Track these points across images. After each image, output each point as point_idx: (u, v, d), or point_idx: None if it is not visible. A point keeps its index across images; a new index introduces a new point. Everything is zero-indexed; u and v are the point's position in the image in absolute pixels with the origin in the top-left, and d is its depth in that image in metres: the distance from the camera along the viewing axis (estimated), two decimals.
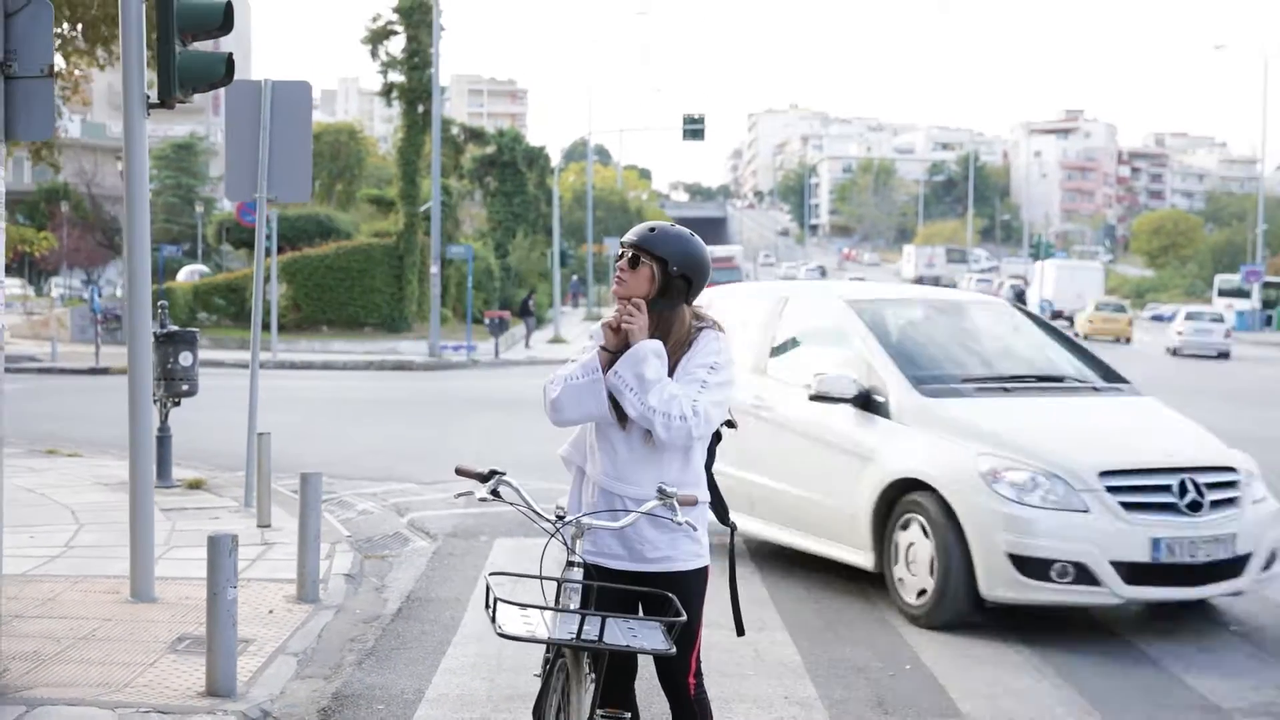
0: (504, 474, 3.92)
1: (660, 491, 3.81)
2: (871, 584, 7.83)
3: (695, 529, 3.92)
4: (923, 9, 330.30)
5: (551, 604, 3.82)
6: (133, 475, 7.14)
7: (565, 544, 3.85)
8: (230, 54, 7.08)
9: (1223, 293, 64.86)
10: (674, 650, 3.61)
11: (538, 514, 3.88)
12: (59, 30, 27.80)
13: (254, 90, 9.75)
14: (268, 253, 31.92)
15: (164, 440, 10.83)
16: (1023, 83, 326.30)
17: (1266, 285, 61.77)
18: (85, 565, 7.89)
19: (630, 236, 4.00)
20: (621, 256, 3.98)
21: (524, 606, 3.70)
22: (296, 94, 9.77)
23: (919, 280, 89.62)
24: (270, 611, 6.95)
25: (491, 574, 3.81)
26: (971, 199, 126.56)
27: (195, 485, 10.93)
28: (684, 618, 3.65)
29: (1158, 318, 70.23)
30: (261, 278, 10.02)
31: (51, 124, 5.34)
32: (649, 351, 3.87)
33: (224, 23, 7.03)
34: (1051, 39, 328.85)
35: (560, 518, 3.87)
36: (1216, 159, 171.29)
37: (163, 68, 6.90)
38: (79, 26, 27.53)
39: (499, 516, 9.93)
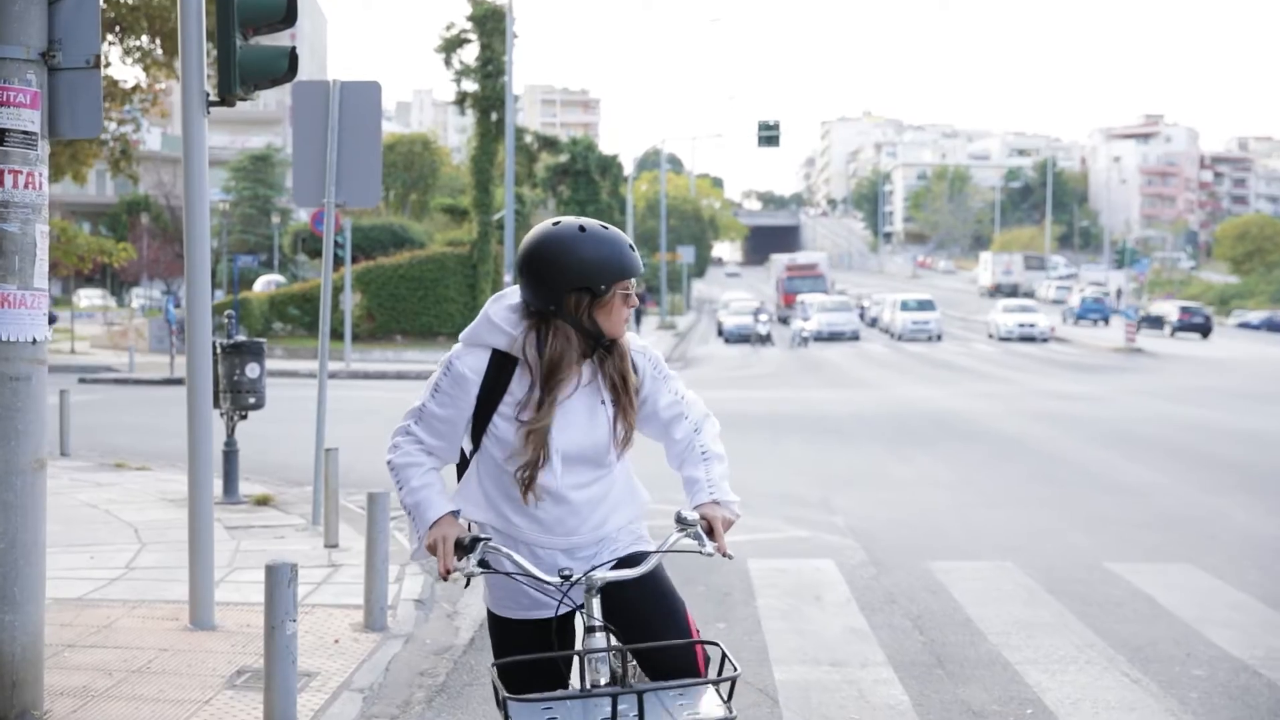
0: (489, 539, 3.24)
1: (680, 521, 3.28)
2: (980, 614, 7.26)
3: (731, 557, 3.41)
4: (996, 14, 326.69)
5: (576, 685, 3.20)
6: (192, 497, 6.76)
7: (574, 606, 3.27)
8: (293, 48, 6.68)
9: None
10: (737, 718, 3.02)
11: (537, 579, 3.23)
12: (138, 43, 27.94)
13: (322, 91, 9.38)
14: (341, 262, 31.90)
15: (230, 455, 10.50)
16: (1101, 87, 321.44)
17: None
18: (145, 589, 7.52)
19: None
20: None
21: (542, 700, 3.03)
22: (366, 95, 9.38)
23: (996, 288, 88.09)
24: (336, 641, 6.52)
25: (495, 663, 3.23)
26: (1050, 205, 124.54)
27: (262, 501, 10.56)
28: (739, 672, 3.01)
29: (1245, 325, 68.30)
30: (330, 286, 9.63)
31: (99, 120, 4.94)
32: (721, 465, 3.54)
33: (287, 14, 6.63)
34: (1130, 42, 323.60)
35: (566, 578, 3.22)
36: None
37: (223, 63, 6.52)
38: (157, 39, 27.63)
39: None
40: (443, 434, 3.37)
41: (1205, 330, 53.67)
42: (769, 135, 42.72)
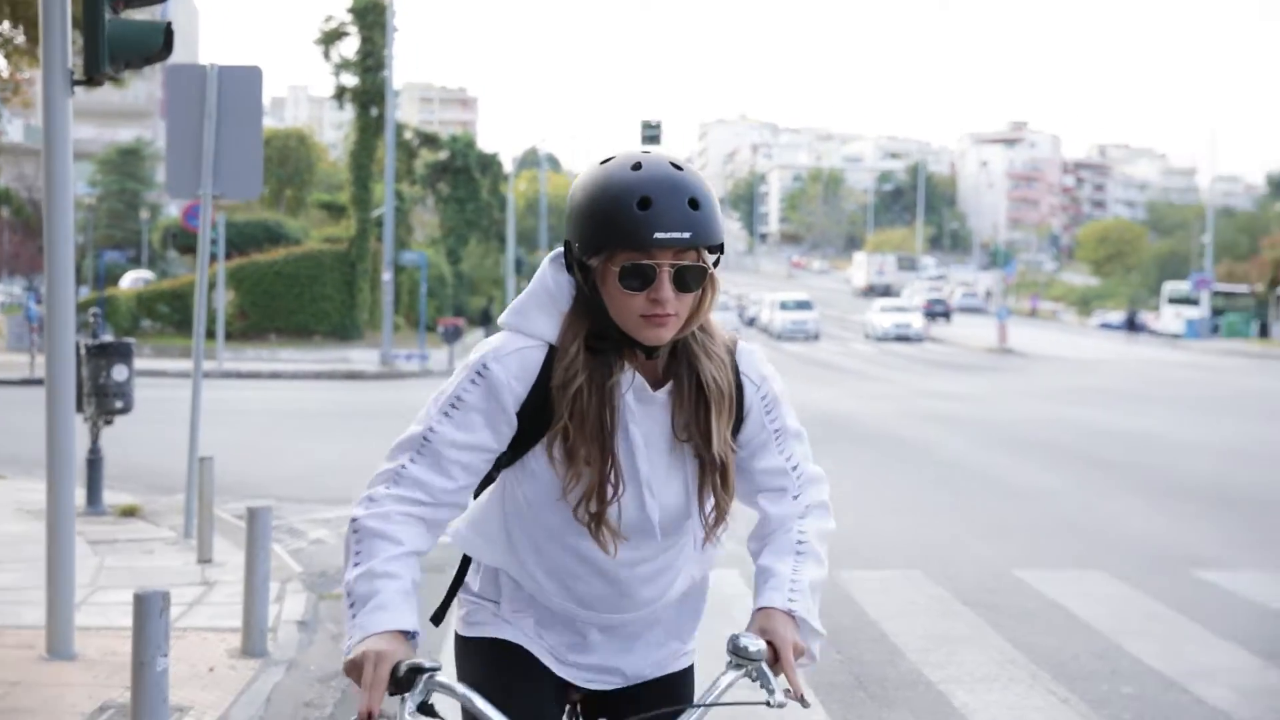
0: (436, 669, 2.07)
1: (737, 651, 2.16)
2: (896, 628, 6.98)
3: (808, 705, 2.31)
4: (870, 21, 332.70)
5: None
6: (50, 510, 6.15)
7: None
8: (169, 23, 6.13)
9: (1172, 300, 64.79)
10: None
11: None
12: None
13: (199, 76, 8.77)
14: (214, 257, 30.86)
15: (95, 463, 9.82)
16: (969, 94, 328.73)
17: (1215, 294, 61.82)
18: None
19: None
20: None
21: None
22: (246, 80, 8.80)
23: (870, 288, 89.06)
24: (210, 669, 5.99)
25: None
26: (921, 207, 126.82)
27: (129, 512, 9.90)
28: None
29: (1106, 325, 70.13)
30: (205, 284, 9.04)
31: None
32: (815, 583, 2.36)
33: None
34: (997, 51, 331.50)
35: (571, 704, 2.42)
36: (1157, 169, 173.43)
37: (89, 38, 5.95)
38: (20, 25, 26.40)
39: None
40: (454, 474, 2.24)
41: (946, 314, 67.03)
42: (651, 135, 42.20)
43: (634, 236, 2.09)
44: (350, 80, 37.48)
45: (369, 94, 36.99)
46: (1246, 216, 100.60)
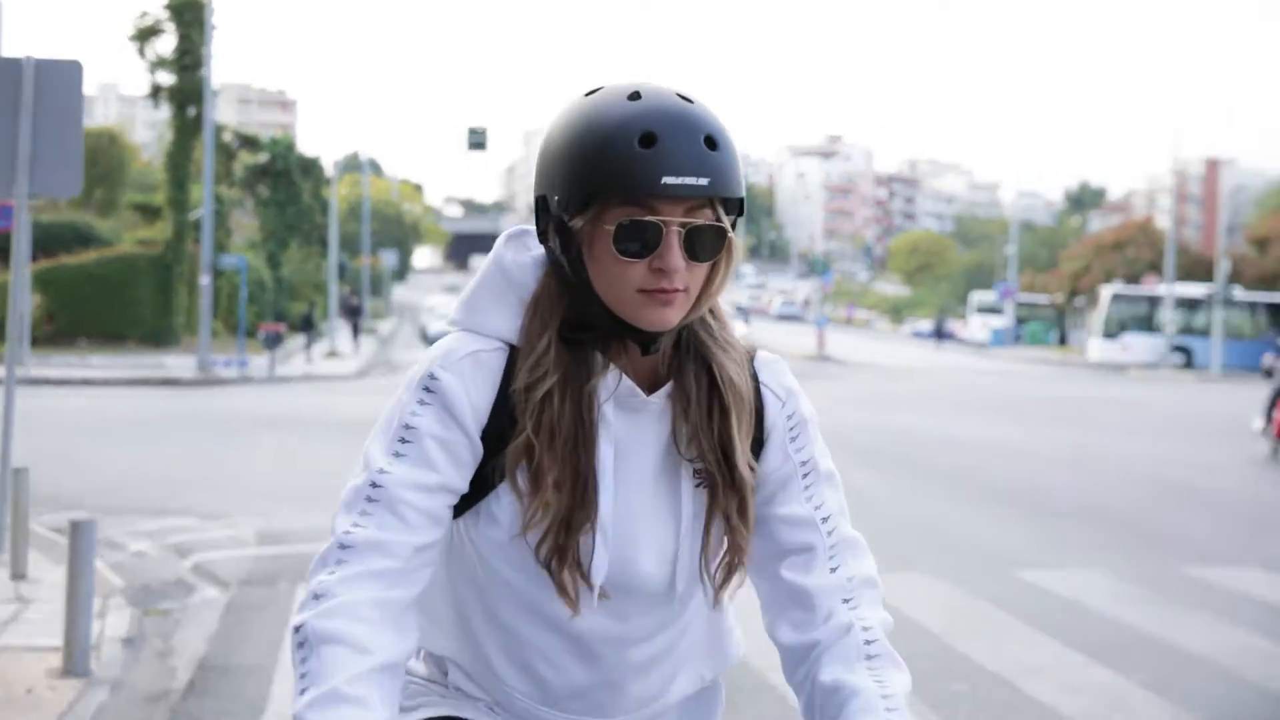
0: None
1: None
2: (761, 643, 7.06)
3: None
4: (691, 32, 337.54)
5: None
6: None
7: None
8: None
9: (980, 309, 67.49)
10: None
11: None
12: None
13: (13, 69, 8.38)
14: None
15: None
16: (787, 108, 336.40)
17: (1019, 304, 64.71)
18: None
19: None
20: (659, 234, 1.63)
21: None
22: (65, 75, 8.43)
23: None
24: (28, 691, 5.72)
25: None
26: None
27: None
28: None
29: (918, 334, 72.60)
30: (21, 286, 8.65)
31: None
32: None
33: None
34: (813, 66, 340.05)
35: None
36: (964, 184, 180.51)
37: None
38: None
39: (299, 557, 8.80)
40: (420, 526, 1.68)
41: (744, 320, 70.40)
42: (477, 141, 42.13)
43: (634, 182, 1.59)
44: (167, 79, 36.40)
45: (186, 93, 36.00)
46: (1047, 230, 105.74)
